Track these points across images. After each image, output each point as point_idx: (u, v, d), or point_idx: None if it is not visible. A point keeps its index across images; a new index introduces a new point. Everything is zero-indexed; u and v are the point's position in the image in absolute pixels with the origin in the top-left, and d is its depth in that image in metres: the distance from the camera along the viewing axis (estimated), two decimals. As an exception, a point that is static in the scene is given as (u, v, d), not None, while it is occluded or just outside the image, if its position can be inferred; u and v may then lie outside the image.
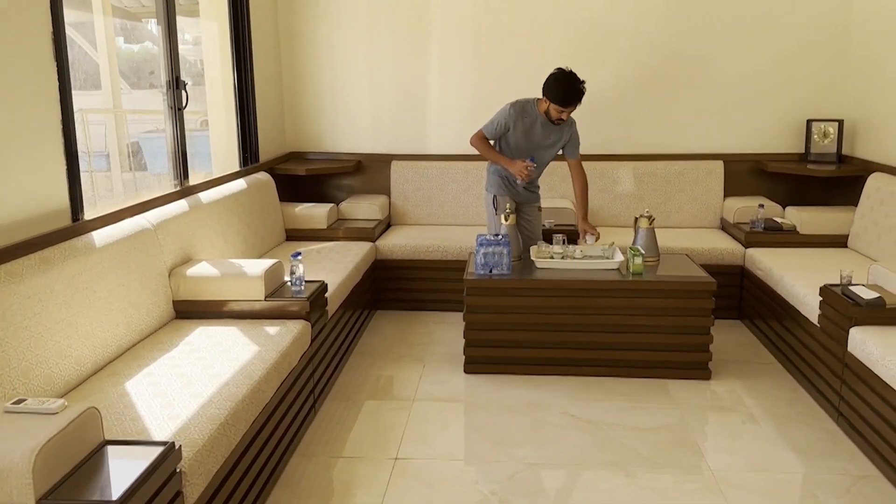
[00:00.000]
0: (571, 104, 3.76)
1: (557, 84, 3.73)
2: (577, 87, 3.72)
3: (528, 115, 3.90)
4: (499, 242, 3.70)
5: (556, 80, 3.74)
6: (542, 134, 3.92)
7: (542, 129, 3.91)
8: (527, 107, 3.91)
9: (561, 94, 3.72)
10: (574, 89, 3.72)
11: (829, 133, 4.82)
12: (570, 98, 3.73)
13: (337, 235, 4.72)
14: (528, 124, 3.91)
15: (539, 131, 3.92)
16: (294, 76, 5.28)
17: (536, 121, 3.90)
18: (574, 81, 3.72)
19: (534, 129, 3.92)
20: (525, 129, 3.91)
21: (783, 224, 4.48)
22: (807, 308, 3.46)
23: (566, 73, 3.74)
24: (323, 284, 3.40)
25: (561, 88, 3.72)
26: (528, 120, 3.90)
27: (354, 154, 5.33)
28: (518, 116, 3.90)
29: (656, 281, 3.62)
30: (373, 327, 4.47)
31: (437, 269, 4.66)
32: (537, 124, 3.90)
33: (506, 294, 3.66)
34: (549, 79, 3.78)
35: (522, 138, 3.94)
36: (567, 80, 3.73)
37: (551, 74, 3.78)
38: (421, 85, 5.19)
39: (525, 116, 3.90)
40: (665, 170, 5.03)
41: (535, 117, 3.89)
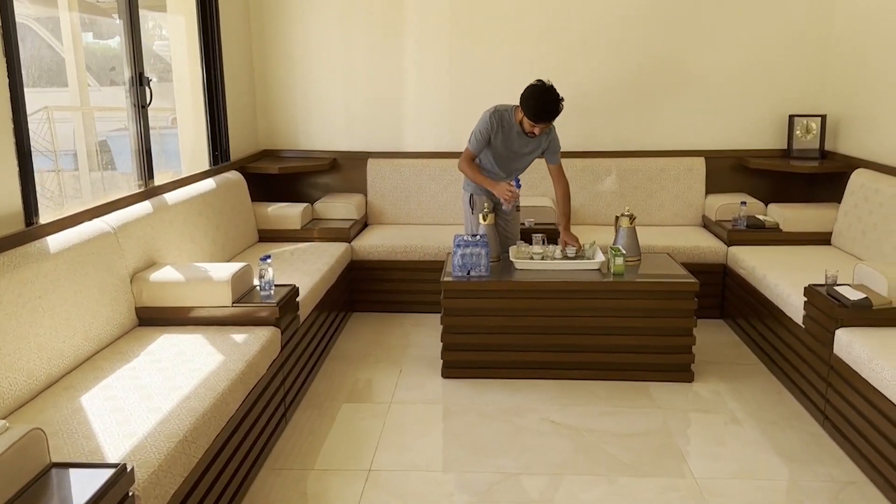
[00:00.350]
0: (544, 121, 3.57)
1: (533, 99, 3.54)
2: (553, 104, 3.52)
3: (507, 123, 3.74)
4: (477, 243, 3.59)
5: (532, 95, 3.55)
6: (521, 142, 3.77)
7: (520, 137, 3.75)
8: (505, 115, 3.74)
9: (534, 110, 3.53)
10: (549, 106, 3.51)
11: (812, 128, 4.76)
12: (544, 114, 3.54)
13: (311, 236, 4.59)
14: (506, 133, 3.76)
15: (517, 140, 3.77)
16: (266, 72, 5.14)
17: (513, 129, 3.74)
18: (550, 97, 3.52)
19: (512, 137, 3.77)
20: (504, 137, 3.77)
21: (766, 222, 4.41)
22: (791, 308, 3.39)
23: (544, 88, 3.54)
24: (294, 288, 3.27)
25: (536, 104, 3.52)
26: (506, 129, 3.75)
27: (329, 152, 5.20)
28: (498, 125, 3.73)
29: (638, 282, 3.53)
30: (349, 330, 4.35)
31: (415, 269, 4.55)
32: (514, 133, 3.75)
33: (484, 296, 3.55)
34: (526, 91, 3.58)
35: (502, 147, 3.81)
36: (543, 95, 3.53)
37: (529, 86, 3.58)
38: (397, 80, 5.06)
39: (504, 125, 3.74)
40: (646, 166, 4.94)
41: (512, 126, 3.73)
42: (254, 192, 4.77)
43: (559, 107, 3.55)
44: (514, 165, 3.92)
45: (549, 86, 3.56)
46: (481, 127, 3.76)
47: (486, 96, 4.47)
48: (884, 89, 4.14)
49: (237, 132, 4.81)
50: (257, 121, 5.20)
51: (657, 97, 4.95)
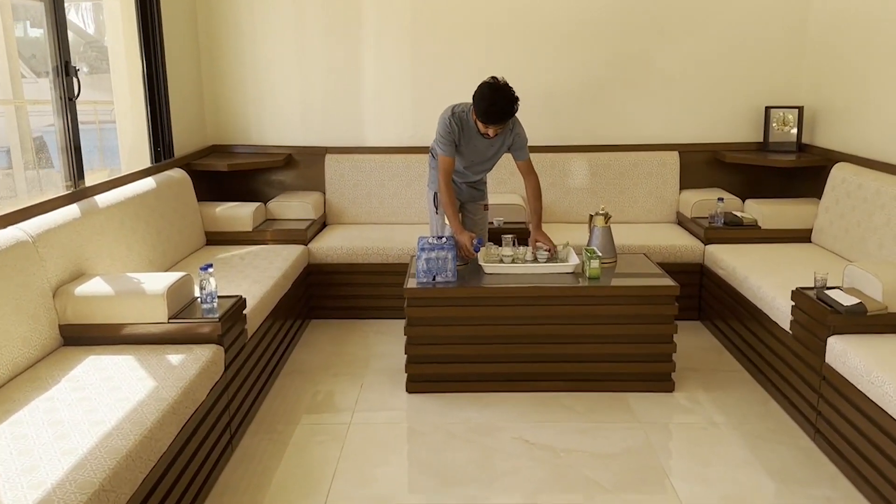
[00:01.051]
0: (494, 122, 3.27)
1: (482, 99, 3.23)
2: (504, 105, 3.20)
3: (467, 125, 3.45)
4: (442, 246, 3.31)
5: (482, 94, 3.24)
6: (484, 143, 3.48)
7: (481, 138, 3.45)
8: (464, 116, 3.44)
9: (484, 110, 3.23)
10: (499, 106, 3.20)
11: (789, 120, 4.58)
12: (493, 116, 3.24)
13: (264, 238, 4.26)
14: (468, 135, 3.47)
15: (480, 141, 3.48)
16: (214, 62, 4.78)
17: (474, 131, 3.45)
18: (502, 97, 3.20)
19: (474, 139, 3.48)
20: (467, 140, 3.49)
21: (743, 218, 4.22)
22: (776, 312, 3.18)
23: (495, 87, 3.23)
24: (240, 300, 2.96)
25: (486, 104, 3.22)
26: (468, 131, 3.46)
27: (284, 147, 4.87)
28: (459, 128, 3.44)
29: (614, 287, 3.29)
30: (306, 341, 4.04)
31: (377, 273, 4.25)
32: (475, 134, 3.46)
33: (451, 304, 3.28)
34: (477, 90, 3.27)
35: (466, 150, 3.53)
36: (494, 94, 3.22)
37: (481, 84, 3.28)
38: (356, 70, 4.75)
39: (465, 127, 3.45)
40: (619, 161, 4.72)
41: (472, 127, 3.44)
42: (201, 192, 4.43)
43: (512, 107, 3.25)
44: (482, 167, 3.66)
45: (501, 84, 3.26)
46: (442, 131, 3.46)
47: (451, 88, 4.20)
48: (863, 80, 3.96)
49: (182, 126, 4.45)
50: (205, 114, 4.85)
51: (629, 89, 4.72)
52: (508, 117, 3.29)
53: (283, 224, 4.41)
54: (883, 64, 3.78)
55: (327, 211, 4.79)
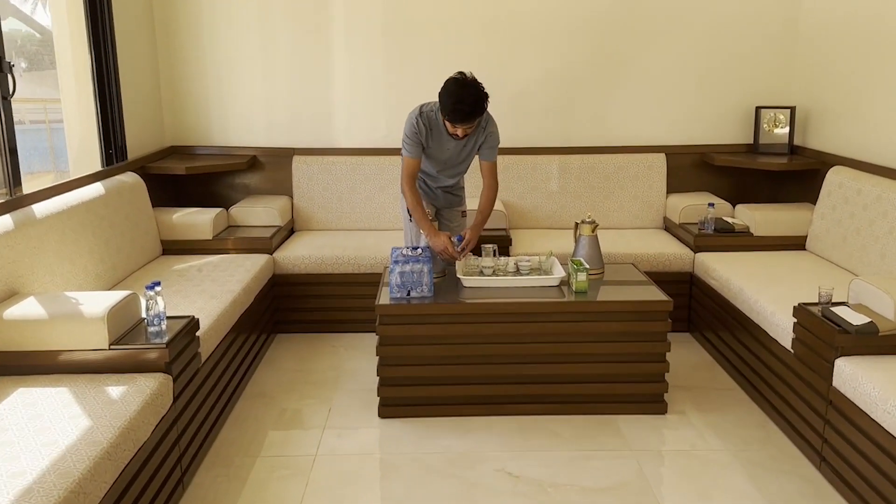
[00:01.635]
0: (461, 121, 3.01)
1: (448, 95, 2.98)
2: (472, 102, 2.95)
3: (436, 124, 3.20)
4: (418, 258, 3.05)
5: (448, 91, 2.99)
6: (455, 143, 3.24)
7: (452, 138, 3.21)
8: (432, 116, 3.19)
9: (449, 109, 2.98)
10: (467, 104, 2.95)
11: (781, 121, 4.38)
12: (461, 114, 2.98)
13: (225, 247, 3.96)
14: (438, 136, 3.23)
15: (450, 142, 3.23)
16: (174, 58, 4.46)
17: (444, 130, 3.20)
18: (469, 93, 2.95)
19: (445, 140, 3.23)
20: (436, 141, 3.24)
21: (735, 225, 4.01)
22: (776, 329, 2.97)
23: (462, 82, 2.98)
24: (192, 321, 2.66)
25: (451, 102, 2.96)
26: (437, 131, 3.21)
27: (249, 148, 4.57)
28: (427, 129, 3.19)
29: (603, 302, 3.05)
30: (270, 358, 3.75)
31: (348, 283, 3.98)
32: (445, 134, 3.21)
33: (427, 321, 3.02)
34: (443, 86, 3.03)
35: (437, 151, 3.28)
36: (461, 90, 2.96)
37: (447, 80, 3.03)
38: (325, 66, 4.46)
39: (433, 127, 3.20)
40: (603, 164, 4.49)
41: (441, 127, 3.19)
42: (158, 197, 4.12)
43: (481, 105, 3.00)
44: (455, 170, 3.41)
45: (469, 79, 3.01)
46: (408, 131, 3.21)
47: (426, 86, 3.92)
48: (859, 78, 3.77)
49: (137, 126, 4.14)
50: (163, 113, 4.53)
51: (613, 88, 4.49)
52: (477, 116, 3.04)
53: (246, 231, 4.11)
54: (880, 62, 3.59)
55: (295, 216, 4.50)
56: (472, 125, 3.09)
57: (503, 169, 4.41)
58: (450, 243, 3.20)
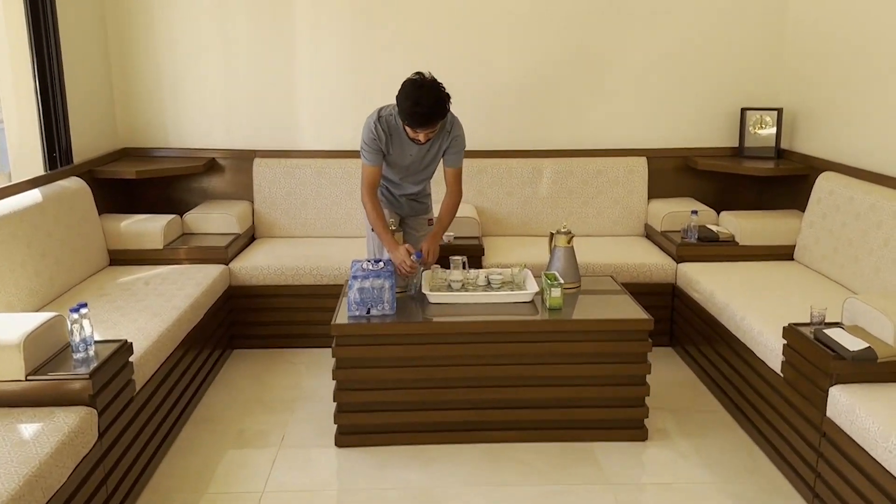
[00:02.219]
0: (423, 125, 2.79)
1: (405, 98, 2.75)
2: (432, 105, 2.73)
3: (397, 129, 2.97)
4: (379, 273, 2.81)
5: (405, 93, 2.76)
6: (417, 148, 3.00)
7: (414, 143, 2.98)
8: (391, 120, 2.96)
9: (407, 112, 2.75)
10: (426, 107, 2.73)
11: (767, 123, 4.18)
12: (420, 118, 2.75)
13: (178, 257, 3.70)
14: (399, 141, 3.00)
15: (412, 146, 3.00)
16: (127, 53, 4.18)
17: (405, 136, 2.97)
18: (428, 95, 2.73)
19: (405, 145, 3.00)
20: (398, 147, 3.01)
21: (719, 233, 3.80)
22: (764, 350, 2.76)
23: (420, 84, 2.76)
24: (123, 346, 2.40)
25: (409, 105, 2.74)
26: (398, 136, 2.99)
27: (207, 150, 4.30)
28: (387, 134, 2.96)
29: (579, 321, 2.82)
30: (224, 377, 3.49)
31: (310, 296, 3.73)
32: (406, 140, 2.97)
33: (389, 341, 2.78)
34: (401, 88, 2.80)
35: (398, 157, 3.05)
36: (419, 92, 2.73)
37: (404, 82, 2.80)
38: (288, 64, 4.20)
39: (394, 132, 2.98)
40: (581, 168, 4.26)
41: (402, 132, 2.96)
42: (109, 203, 3.86)
43: (442, 107, 2.78)
44: (418, 176, 3.18)
45: (428, 80, 2.78)
46: (366, 137, 2.98)
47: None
48: (850, 80, 3.57)
49: (85, 128, 3.86)
50: (115, 113, 4.24)
51: (591, 88, 4.27)
52: (437, 119, 2.80)
53: (201, 240, 3.85)
54: (872, 61, 3.39)
55: (256, 223, 4.24)
56: (434, 129, 2.86)
57: (476, 173, 4.20)
58: (408, 257, 2.96)
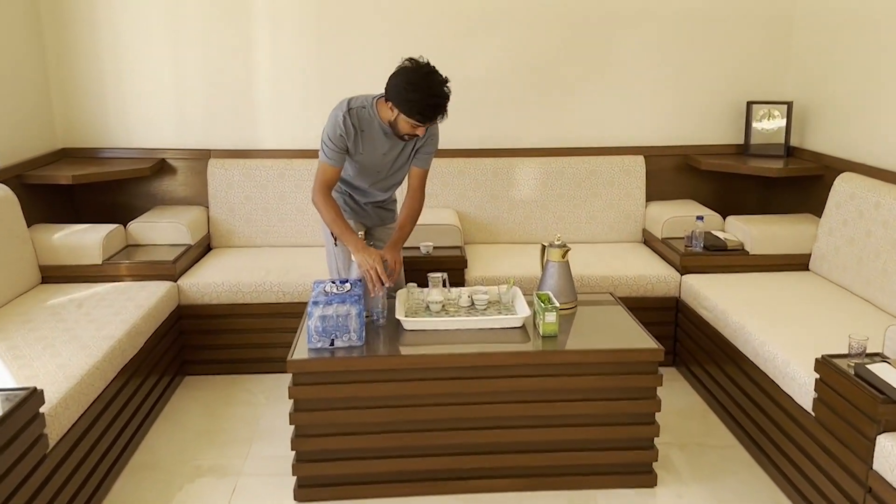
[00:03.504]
0: (432, 118, 2.48)
1: (412, 89, 2.42)
2: (441, 93, 2.44)
3: (369, 124, 2.62)
4: (344, 297, 2.39)
5: (411, 84, 2.42)
6: (391, 146, 2.66)
7: (389, 139, 2.64)
8: (364, 113, 2.61)
9: (420, 105, 2.43)
10: (437, 96, 2.44)
11: (775, 117, 3.81)
12: (433, 109, 2.45)
13: (119, 273, 3.26)
14: (370, 138, 2.64)
15: (385, 144, 2.66)
16: (64, 43, 3.71)
17: (381, 132, 2.63)
18: (435, 84, 2.44)
19: (380, 143, 2.65)
20: (369, 145, 2.65)
21: (727, 241, 3.43)
22: (790, 383, 2.39)
23: (423, 72, 2.45)
24: (32, 394, 1.98)
25: (420, 96, 2.42)
26: (370, 132, 2.63)
27: (156, 150, 3.85)
28: (356, 130, 2.61)
29: (578, 351, 2.43)
30: (172, 411, 3.07)
31: (271, 315, 3.31)
32: (382, 136, 2.63)
33: (356, 378, 2.37)
34: (398, 77, 2.47)
35: (368, 157, 2.69)
36: (425, 81, 2.43)
37: (400, 70, 2.47)
38: (246, 54, 3.76)
39: (365, 127, 2.62)
40: (573, 168, 3.87)
41: (377, 127, 2.62)
42: (43, 211, 3.44)
43: (447, 93, 2.48)
44: (390, 181, 2.80)
45: (428, 68, 2.47)
46: (331, 131, 2.63)
47: (367, 76, 3.28)
48: (867, 70, 3.20)
49: (15, 126, 3.40)
50: (53, 110, 3.78)
51: (584, 81, 3.87)
52: (446, 106, 2.49)
53: (147, 252, 3.41)
54: (893, 49, 3.03)
55: (212, 231, 3.80)
56: (434, 123, 2.57)
57: (456, 174, 3.81)
58: (380, 263, 2.55)
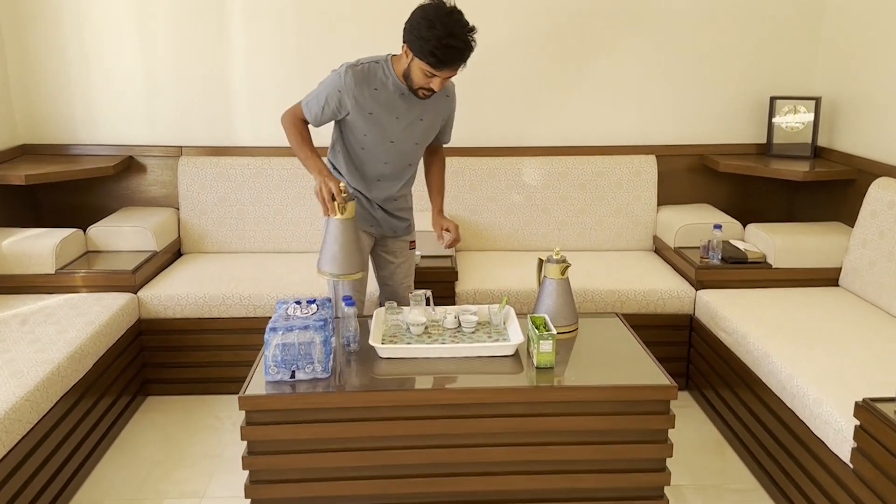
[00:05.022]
0: (454, 62, 2.13)
1: (428, 25, 2.08)
2: (460, 36, 2.09)
3: (379, 82, 2.28)
4: (308, 323, 2.08)
5: (427, 19, 2.09)
6: (407, 108, 2.32)
7: (407, 101, 2.30)
8: (374, 70, 2.28)
9: (433, 44, 2.08)
10: (454, 38, 2.08)
11: (801, 114, 3.47)
12: (447, 52, 2.09)
13: (74, 284, 2.96)
14: (383, 99, 2.29)
15: (401, 106, 2.31)
16: (24, 31, 3.40)
17: (395, 91, 2.28)
18: (455, 24, 2.09)
19: (394, 104, 2.30)
20: (377, 106, 2.29)
21: (748, 253, 3.10)
22: (824, 427, 2.06)
23: (445, 10, 2.11)
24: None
25: (434, 34, 2.07)
26: (380, 92, 2.28)
27: (123, 146, 3.55)
28: (360, 86, 2.26)
29: (576, 388, 2.09)
30: (129, 437, 2.77)
31: (242, 331, 3.00)
32: (396, 96, 2.29)
33: (321, 418, 2.05)
34: (415, 13, 2.14)
35: (373, 125, 2.33)
36: (448, 18, 2.09)
37: (423, 7, 2.14)
38: (220, 43, 3.45)
39: (373, 86, 2.28)
40: (578, 169, 3.54)
41: (391, 86, 2.28)
42: None
43: (473, 41, 2.14)
44: (405, 157, 2.45)
45: (453, 7, 2.13)
46: (327, 87, 2.30)
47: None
48: (917, 63, 2.86)
49: (-42, 120, 3.10)
50: (12, 104, 3.49)
51: (591, 73, 3.54)
52: (469, 56, 2.16)
53: (106, 260, 3.11)
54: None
55: (182, 236, 3.49)
56: (454, 74, 2.21)
57: (449, 174, 3.43)
58: (338, 189, 2.14)
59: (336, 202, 2.14)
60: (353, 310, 2.25)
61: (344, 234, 2.17)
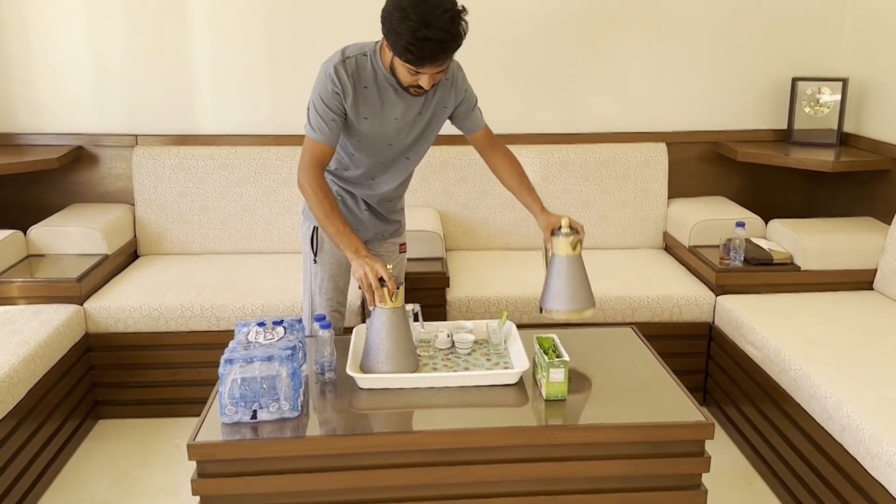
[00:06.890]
0: (433, 58, 1.76)
1: (402, 18, 1.71)
2: (438, 25, 1.70)
3: (371, 75, 1.92)
4: (272, 353, 1.72)
5: (399, 8, 1.72)
6: (406, 107, 1.97)
7: (402, 98, 1.95)
8: (363, 62, 1.92)
9: (406, 38, 1.72)
10: (430, 28, 1.70)
11: (826, 97, 3.14)
12: (421, 46, 1.72)
13: (10, 294, 2.59)
14: (374, 95, 1.94)
15: (399, 105, 1.96)
16: (-54, -2, 3.00)
17: (387, 87, 1.93)
18: (432, 11, 1.70)
19: (387, 101, 1.95)
20: (373, 104, 1.94)
21: (772, 253, 2.78)
22: (884, 469, 1.75)
23: None
24: None
25: (406, 27, 1.70)
26: (372, 87, 1.93)
27: (70, 135, 3.16)
28: (353, 84, 1.90)
29: (594, 427, 1.75)
30: (70, 474, 2.41)
31: (202, 346, 2.65)
32: (389, 92, 1.94)
33: (287, 468, 1.70)
34: (389, 4, 1.77)
35: (374, 124, 1.97)
36: (419, 6, 1.70)
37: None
38: (180, 20, 3.06)
39: (367, 80, 1.92)
40: (582, 158, 3.20)
41: (382, 79, 1.93)
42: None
43: (459, 29, 1.75)
44: (405, 162, 2.11)
45: None
46: (322, 92, 1.91)
47: (329, 47, 2.60)
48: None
49: None
50: (-61, 83, 3.08)
51: (596, 55, 3.19)
52: (455, 46, 1.77)
53: (50, 266, 2.74)
54: None
55: (139, 236, 3.12)
56: (444, 66, 1.83)
57: (439, 166, 3.17)
58: (386, 272, 1.84)
59: (386, 289, 1.79)
60: (329, 332, 1.90)
61: (397, 327, 1.84)
